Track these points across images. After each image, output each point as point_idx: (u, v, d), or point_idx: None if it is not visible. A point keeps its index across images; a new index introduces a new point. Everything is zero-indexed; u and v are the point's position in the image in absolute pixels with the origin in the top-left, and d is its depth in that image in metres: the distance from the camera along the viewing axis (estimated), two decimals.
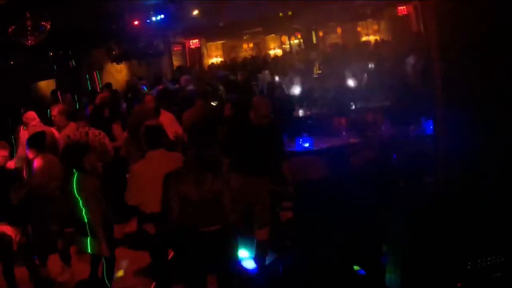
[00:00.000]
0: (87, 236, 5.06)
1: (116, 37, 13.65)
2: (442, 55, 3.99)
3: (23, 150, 6.82)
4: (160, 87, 10.56)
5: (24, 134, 7.24)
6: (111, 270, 5.38)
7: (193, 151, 4.33)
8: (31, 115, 7.49)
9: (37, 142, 5.94)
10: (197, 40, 19.67)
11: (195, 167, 4.24)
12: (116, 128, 7.55)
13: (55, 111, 7.32)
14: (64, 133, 7.03)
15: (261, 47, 22.55)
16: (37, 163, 5.82)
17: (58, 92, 11.12)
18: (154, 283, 5.39)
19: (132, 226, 7.09)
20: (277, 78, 12.37)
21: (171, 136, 6.65)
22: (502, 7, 3.81)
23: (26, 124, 7.47)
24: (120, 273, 6.01)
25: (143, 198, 4.88)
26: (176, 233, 4.67)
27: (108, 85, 12.81)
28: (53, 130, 7.33)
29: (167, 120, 7.13)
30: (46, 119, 8.23)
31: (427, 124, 7.19)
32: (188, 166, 4.32)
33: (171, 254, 5.49)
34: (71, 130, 6.98)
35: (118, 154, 6.92)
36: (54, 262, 6.11)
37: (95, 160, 5.49)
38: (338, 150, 7.19)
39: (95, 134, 6.68)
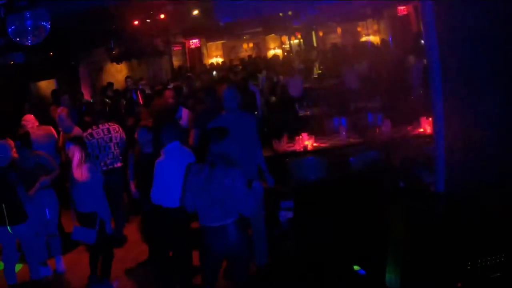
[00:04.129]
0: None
1: (116, 37, 13.65)
2: (442, 55, 4.00)
3: None
4: (159, 87, 10.59)
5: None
6: (108, 266, 5.42)
7: (207, 146, 4.36)
8: (29, 118, 7.47)
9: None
10: (197, 40, 19.67)
11: (207, 162, 4.27)
12: None
13: (62, 114, 7.27)
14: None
15: (261, 47, 22.53)
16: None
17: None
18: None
19: (132, 223, 7.15)
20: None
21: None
22: (501, 6, 3.81)
23: (25, 127, 7.45)
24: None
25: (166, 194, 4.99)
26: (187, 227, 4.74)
27: (110, 85, 12.82)
28: (52, 129, 7.37)
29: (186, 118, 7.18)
30: (46, 119, 8.24)
31: (427, 124, 7.19)
32: (202, 160, 4.36)
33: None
34: (77, 133, 6.97)
35: None
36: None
37: None
38: (338, 150, 7.19)
39: (115, 129, 6.83)
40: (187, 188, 4.35)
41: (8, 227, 5.38)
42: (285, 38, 22.23)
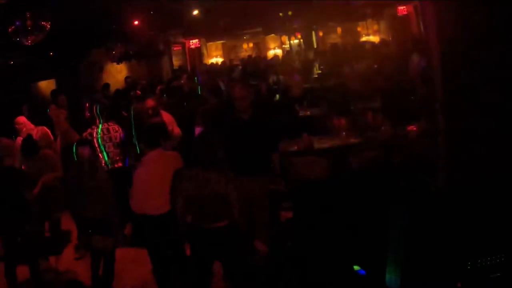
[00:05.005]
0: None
1: (116, 37, 13.64)
2: (442, 55, 4.00)
3: None
4: (161, 86, 10.59)
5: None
6: (111, 269, 5.40)
7: (197, 149, 4.34)
8: (22, 120, 7.47)
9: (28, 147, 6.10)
10: (197, 40, 19.66)
11: (199, 166, 4.25)
12: None
13: (61, 115, 7.28)
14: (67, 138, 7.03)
15: (261, 47, 22.53)
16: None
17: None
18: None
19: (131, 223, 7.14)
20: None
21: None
22: (502, 6, 3.81)
23: (19, 131, 7.44)
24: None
25: (143, 202, 4.93)
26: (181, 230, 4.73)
27: (107, 86, 12.81)
28: (46, 129, 7.36)
29: (167, 121, 7.13)
30: (46, 119, 8.24)
31: (427, 124, 7.18)
32: (192, 164, 4.34)
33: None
34: (74, 136, 6.97)
35: None
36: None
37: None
38: (338, 150, 7.19)
39: (115, 129, 6.80)
40: (178, 194, 4.32)
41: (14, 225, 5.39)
42: (285, 38, 22.22)
